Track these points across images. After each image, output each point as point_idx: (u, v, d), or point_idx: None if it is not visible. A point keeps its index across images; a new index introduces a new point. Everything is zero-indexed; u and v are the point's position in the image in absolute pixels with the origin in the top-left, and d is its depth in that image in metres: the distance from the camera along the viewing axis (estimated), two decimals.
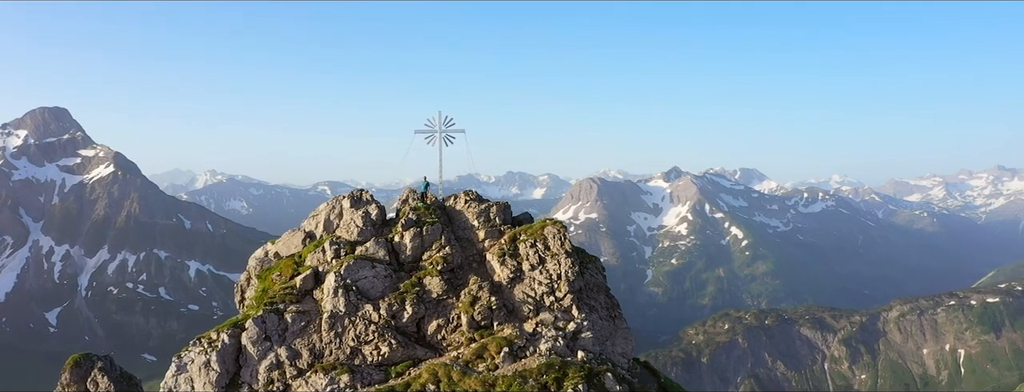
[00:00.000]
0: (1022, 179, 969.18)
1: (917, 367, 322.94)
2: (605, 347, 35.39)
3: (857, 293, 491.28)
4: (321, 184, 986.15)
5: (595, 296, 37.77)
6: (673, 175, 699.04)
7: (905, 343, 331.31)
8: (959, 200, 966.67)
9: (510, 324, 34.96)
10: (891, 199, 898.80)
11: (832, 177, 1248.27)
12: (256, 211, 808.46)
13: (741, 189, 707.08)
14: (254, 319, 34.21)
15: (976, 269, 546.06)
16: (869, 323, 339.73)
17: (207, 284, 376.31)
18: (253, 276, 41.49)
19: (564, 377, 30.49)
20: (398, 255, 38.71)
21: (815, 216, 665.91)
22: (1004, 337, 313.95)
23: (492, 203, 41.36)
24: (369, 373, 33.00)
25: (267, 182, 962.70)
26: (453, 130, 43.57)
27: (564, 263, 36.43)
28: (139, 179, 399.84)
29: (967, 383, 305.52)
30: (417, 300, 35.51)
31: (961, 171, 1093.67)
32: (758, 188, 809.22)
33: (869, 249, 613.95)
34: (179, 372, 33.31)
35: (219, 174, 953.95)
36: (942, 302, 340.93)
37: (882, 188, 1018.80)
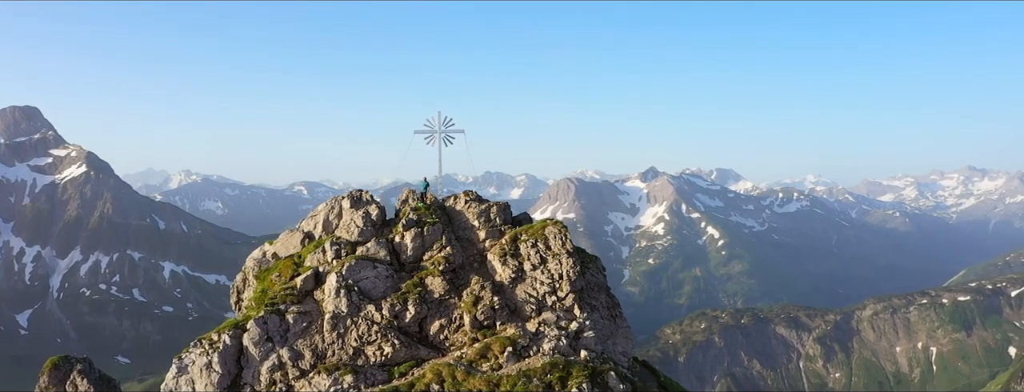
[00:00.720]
0: (992, 179, 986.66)
1: (890, 365, 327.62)
2: (606, 346, 35.68)
3: (831, 292, 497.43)
4: (297, 184, 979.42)
5: (596, 295, 38.08)
6: (650, 175, 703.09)
7: (878, 341, 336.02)
8: (931, 200, 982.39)
9: (513, 324, 35.12)
10: (864, 199, 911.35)
11: (807, 177, 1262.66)
12: (232, 211, 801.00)
13: (717, 189, 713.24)
14: (256, 320, 34.04)
15: (947, 268, 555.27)
16: (843, 322, 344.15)
17: (182, 285, 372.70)
18: (250, 277, 41.20)
19: (568, 376, 30.74)
20: (399, 255, 38.72)
21: (790, 216, 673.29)
22: (975, 335, 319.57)
23: (493, 203, 41.53)
24: (372, 373, 32.99)
25: (242, 182, 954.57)
26: (453, 130, 43.68)
27: (565, 263, 36.68)
28: (112, 179, 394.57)
29: (939, 380, 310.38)
30: (419, 300, 35.57)
31: (932, 171, 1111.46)
32: (734, 188, 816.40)
33: (843, 248, 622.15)
34: (180, 374, 33.05)
35: (194, 174, 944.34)
36: (914, 301, 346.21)
37: (856, 188, 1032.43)
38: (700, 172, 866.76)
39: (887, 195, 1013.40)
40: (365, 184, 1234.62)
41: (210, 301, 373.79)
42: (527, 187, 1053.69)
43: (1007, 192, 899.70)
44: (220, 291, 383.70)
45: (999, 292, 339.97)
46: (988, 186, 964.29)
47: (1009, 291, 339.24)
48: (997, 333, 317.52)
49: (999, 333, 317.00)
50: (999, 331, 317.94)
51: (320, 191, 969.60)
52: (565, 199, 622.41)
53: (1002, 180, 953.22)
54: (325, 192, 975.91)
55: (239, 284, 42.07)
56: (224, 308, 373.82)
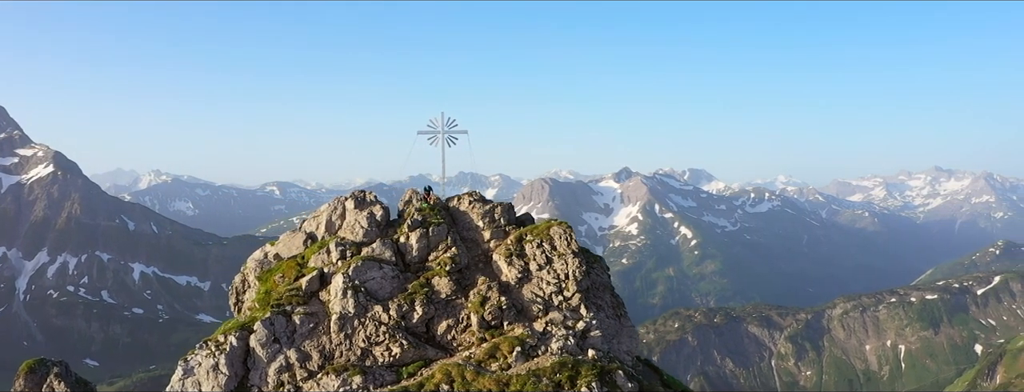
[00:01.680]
0: (958, 180, 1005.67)
1: (860, 363, 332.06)
2: (612, 345, 36.02)
3: (802, 291, 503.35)
4: (269, 185, 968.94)
5: (601, 295, 38.40)
6: (623, 176, 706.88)
7: (848, 339, 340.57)
8: (899, 200, 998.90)
9: (520, 324, 35.33)
10: (834, 199, 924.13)
11: (778, 177, 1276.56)
12: (203, 212, 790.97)
13: (690, 189, 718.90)
14: (262, 321, 33.85)
15: (915, 267, 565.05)
16: (814, 320, 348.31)
17: (152, 287, 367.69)
18: (251, 278, 40.89)
19: (577, 375, 30.99)
20: (404, 256, 38.74)
21: (762, 216, 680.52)
22: (942, 333, 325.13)
23: (497, 203, 41.68)
24: (381, 374, 32.98)
25: (213, 182, 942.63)
26: (456, 131, 43.75)
27: (571, 263, 36.97)
28: (80, 179, 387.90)
29: (907, 378, 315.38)
30: (426, 301, 35.67)
31: (900, 172, 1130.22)
32: (706, 188, 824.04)
33: (813, 248, 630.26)
34: (186, 376, 32.73)
35: (164, 174, 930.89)
36: (883, 299, 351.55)
37: (826, 188, 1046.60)
38: (673, 172, 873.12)
39: (856, 195, 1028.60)
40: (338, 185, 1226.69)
41: (181, 303, 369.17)
42: (501, 187, 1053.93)
43: (973, 192, 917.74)
44: (191, 293, 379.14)
45: (965, 290, 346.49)
46: (954, 186, 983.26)
47: (975, 290, 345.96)
48: (964, 331, 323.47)
49: (966, 331, 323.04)
50: (966, 329, 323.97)
51: (292, 191, 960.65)
52: (539, 199, 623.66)
53: (968, 180, 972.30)
54: (297, 192, 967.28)
55: (238, 285, 41.73)
56: (195, 310, 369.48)
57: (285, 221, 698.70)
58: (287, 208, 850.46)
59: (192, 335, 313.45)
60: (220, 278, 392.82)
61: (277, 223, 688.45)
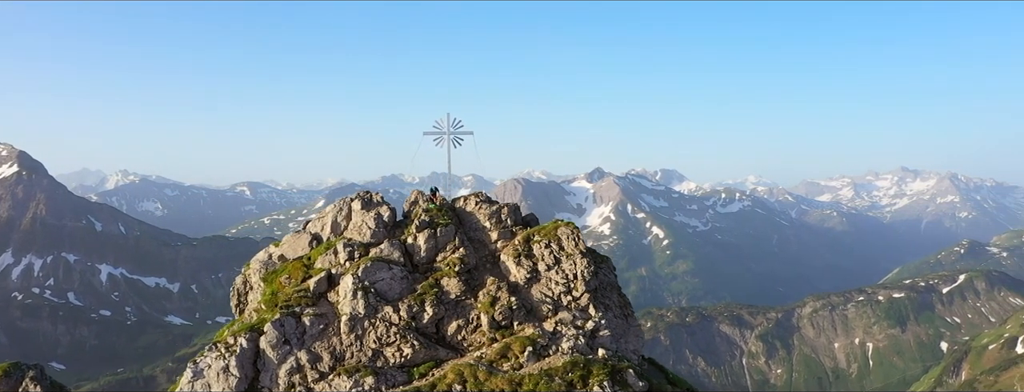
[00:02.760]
0: (924, 180, 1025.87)
1: (829, 361, 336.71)
2: (620, 344, 36.37)
3: (772, 290, 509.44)
4: (240, 185, 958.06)
5: (609, 295, 38.72)
6: (596, 176, 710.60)
7: (818, 338, 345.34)
8: (866, 200, 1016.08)
9: (530, 324, 35.53)
10: (803, 199, 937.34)
11: (748, 178, 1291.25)
12: (171, 213, 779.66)
13: (662, 190, 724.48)
14: (272, 322, 33.66)
15: (882, 266, 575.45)
16: (784, 319, 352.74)
17: (120, 289, 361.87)
18: (254, 279, 40.61)
19: (589, 375, 31.25)
20: (412, 256, 38.76)
21: (732, 216, 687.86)
22: (909, 331, 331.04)
23: (503, 204, 41.84)
24: (393, 375, 32.98)
25: (182, 183, 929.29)
26: (461, 132, 43.81)
27: (580, 263, 37.23)
28: (45, 179, 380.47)
29: (875, 375, 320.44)
30: (436, 301, 35.70)
31: (868, 172, 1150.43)
32: (678, 188, 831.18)
33: (783, 248, 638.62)
34: (195, 378, 32.42)
35: (131, 174, 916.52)
36: (852, 298, 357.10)
37: (795, 188, 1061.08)
38: (645, 173, 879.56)
39: (825, 195, 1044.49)
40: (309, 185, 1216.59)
41: (149, 305, 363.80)
42: (473, 187, 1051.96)
43: (938, 192, 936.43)
44: (160, 294, 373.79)
45: (931, 289, 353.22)
46: (920, 187, 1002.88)
47: (941, 288, 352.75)
48: (929, 328, 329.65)
49: (932, 328, 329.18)
50: (932, 327, 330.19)
51: (263, 192, 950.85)
52: (512, 199, 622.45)
53: (933, 181, 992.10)
54: (268, 193, 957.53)
55: (240, 287, 41.42)
56: (164, 312, 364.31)
57: (256, 222, 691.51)
58: (258, 209, 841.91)
59: (161, 337, 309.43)
60: (190, 279, 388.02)
61: (248, 224, 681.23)
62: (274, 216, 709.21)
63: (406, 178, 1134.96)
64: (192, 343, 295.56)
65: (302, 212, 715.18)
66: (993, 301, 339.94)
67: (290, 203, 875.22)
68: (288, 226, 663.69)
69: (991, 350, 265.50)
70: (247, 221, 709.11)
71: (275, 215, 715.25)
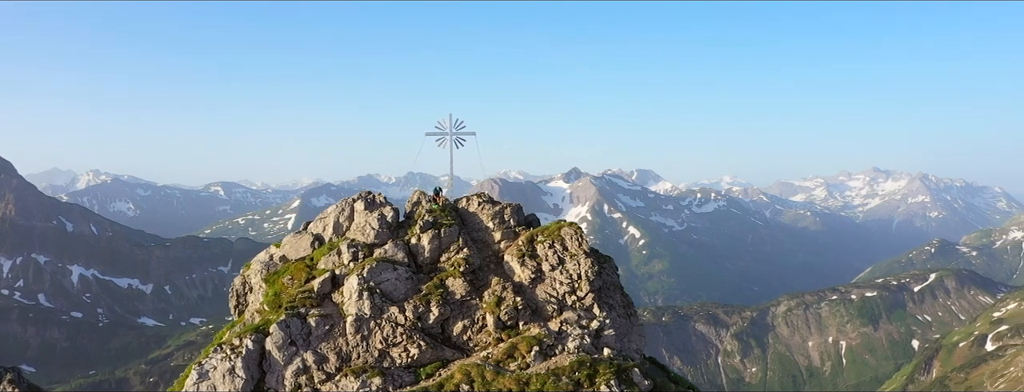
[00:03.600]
0: (895, 180, 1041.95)
1: (803, 359, 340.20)
2: (624, 344, 36.67)
3: (747, 290, 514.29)
4: (213, 185, 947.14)
5: (612, 294, 38.99)
6: (573, 176, 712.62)
7: (792, 336, 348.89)
8: (839, 200, 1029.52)
9: (535, 323, 35.69)
10: (778, 199, 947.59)
11: (723, 178, 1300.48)
12: (144, 213, 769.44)
13: (638, 190, 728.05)
14: (278, 323, 33.54)
15: (855, 265, 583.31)
16: (759, 318, 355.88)
17: (91, 290, 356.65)
18: (254, 280, 40.33)
19: (595, 374, 31.51)
20: (416, 257, 38.77)
21: (708, 216, 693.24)
22: (881, 329, 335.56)
23: (506, 205, 41.97)
24: (399, 375, 32.99)
25: (155, 183, 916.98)
26: (464, 132, 43.83)
27: (584, 263, 37.47)
28: (15, 179, 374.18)
29: (848, 373, 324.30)
30: (442, 301, 35.75)
31: (841, 172, 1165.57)
32: (654, 189, 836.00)
33: (758, 247, 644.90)
34: (201, 379, 32.16)
35: (103, 174, 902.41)
36: (825, 297, 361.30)
37: (769, 189, 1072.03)
38: (621, 173, 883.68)
39: (799, 195, 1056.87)
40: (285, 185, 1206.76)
41: (122, 306, 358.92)
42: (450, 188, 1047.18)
43: (909, 192, 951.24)
44: (132, 296, 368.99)
45: (903, 288, 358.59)
46: (892, 187, 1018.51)
47: (912, 287, 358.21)
48: (901, 327, 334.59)
49: (903, 327, 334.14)
50: (903, 325, 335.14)
51: (237, 192, 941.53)
52: None
53: (904, 181, 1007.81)
54: (243, 193, 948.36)
55: (239, 288, 41.13)
56: (137, 313, 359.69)
57: (230, 222, 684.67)
58: (232, 209, 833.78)
59: (133, 339, 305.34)
60: (163, 281, 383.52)
61: (222, 224, 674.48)
62: (249, 216, 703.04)
63: (382, 178, 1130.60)
64: (165, 345, 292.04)
65: (277, 212, 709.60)
66: (963, 300, 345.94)
67: (265, 203, 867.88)
68: (263, 226, 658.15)
69: (961, 348, 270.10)
70: (221, 221, 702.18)
71: (250, 215, 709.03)
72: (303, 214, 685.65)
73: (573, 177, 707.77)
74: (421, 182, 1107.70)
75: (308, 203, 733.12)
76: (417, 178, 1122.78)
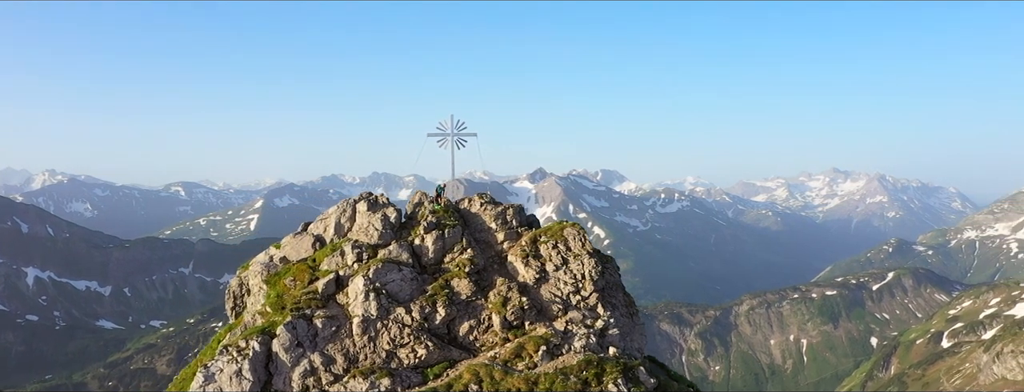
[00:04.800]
0: (854, 181, 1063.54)
1: (765, 357, 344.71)
2: (627, 343, 37.02)
3: (710, 289, 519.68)
4: (174, 185, 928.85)
5: (615, 294, 39.37)
6: (538, 176, 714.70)
7: (754, 335, 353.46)
8: (800, 200, 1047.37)
9: (541, 323, 35.90)
10: (740, 199, 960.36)
11: (686, 178, 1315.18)
12: (102, 214, 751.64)
13: (603, 190, 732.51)
14: (285, 325, 33.22)
15: (815, 264, 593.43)
16: (722, 317, 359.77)
17: (48, 292, 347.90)
18: (252, 282, 39.81)
19: (602, 373, 31.85)
20: (420, 258, 38.67)
21: (672, 216, 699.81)
22: (841, 327, 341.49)
23: (508, 206, 42.10)
24: (407, 376, 32.95)
25: (114, 183, 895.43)
26: (465, 133, 43.79)
27: (587, 263, 37.76)
28: None
29: (809, 371, 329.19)
30: (448, 302, 35.73)
31: (801, 173, 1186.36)
32: (618, 189, 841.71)
33: (721, 247, 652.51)
34: (207, 382, 31.66)
35: (59, 174, 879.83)
36: (787, 296, 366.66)
37: (732, 189, 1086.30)
38: (586, 173, 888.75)
39: (760, 195, 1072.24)
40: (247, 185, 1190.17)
41: (79, 309, 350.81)
42: (415, 188, 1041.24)
43: (867, 193, 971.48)
44: (90, 298, 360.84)
45: (862, 286, 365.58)
46: (851, 187, 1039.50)
47: (871, 285, 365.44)
48: (860, 325, 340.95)
49: (862, 325, 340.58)
50: (862, 323, 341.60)
51: (198, 192, 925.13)
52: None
53: (863, 181, 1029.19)
54: (204, 193, 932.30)
55: (236, 289, 40.57)
56: (95, 316, 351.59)
57: (191, 222, 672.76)
58: (193, 209, 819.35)
59: (92, 343, 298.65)
60: (122, 282, 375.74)
61: (183, 225, 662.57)
62: (210, 217, 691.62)
63: (346, 178, 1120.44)
64: (125, 348, 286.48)
65: (239, 213, 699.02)
66: (920, 298, 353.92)
67: (227, 203, 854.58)
68: (225, 227, 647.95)
69: (918, 345, 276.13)
70: (182, 222, 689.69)
71: (211, 216, 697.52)
72: (266, 215, 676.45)
73: (538, 177, 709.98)
74: (386, 182, 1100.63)
75: (271, 203, 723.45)
76: (382, 178, 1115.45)
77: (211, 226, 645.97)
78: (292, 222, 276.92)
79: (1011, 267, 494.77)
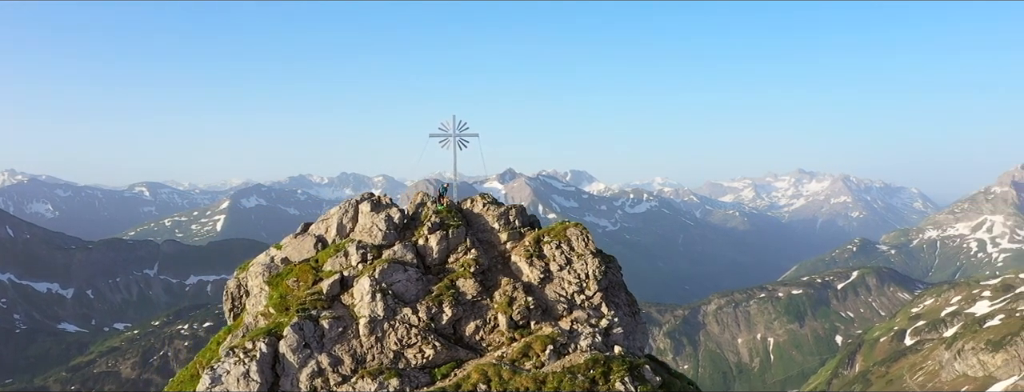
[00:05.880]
0: (819, 181, 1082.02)
1: (733, 356, 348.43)
2: (630, 342, 37.41)
3: (679, 288, 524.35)
4: (138, 185, 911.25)
5: (618, 293, 39.76)
6: (508, 177, 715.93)
7: (722, 334, 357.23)
8: (766, 200, 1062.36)
9: (547, 323, 36.14)
10: (707, 199, 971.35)
11: (655, 179, 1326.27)
12: (64, 214, 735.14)
13: (572, 191, 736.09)
14: (292, 326, 33.04)
15: (781, 264, 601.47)
16: (690, 316, 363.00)
17: (8, 295, 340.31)
18: (252, 282, 39.42)
19: (609, 371, 32.20)
20: (424, 258, 38.71)
21: (640, 216, 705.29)
22: (807, 325, 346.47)
23: (510, 206, 42.32)
24: (415, 376, 32.96)
25: (76, 183, 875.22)
26: (467, 134, 43.83)
27: (591, 263, 38.10)
28: None
29: (776, 369, 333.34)
30: (454, 302, 35.81)
31: (768, 174, 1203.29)
32: (588, 189, 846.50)
33: (689, 247, 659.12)
34: (214, 384, 31.30)
35: (19, 174, 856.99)
36: (754, 295, 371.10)
37: (699, 189, 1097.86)
38: (556, 174, 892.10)
39: (728, 196, 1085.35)
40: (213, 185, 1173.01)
41: (41, 311, 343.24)
42: (385, 188, 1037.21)
43: (832, 193, 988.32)
44: (52, 301, 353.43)
45: (827, 285, 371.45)
46: (816, 188, 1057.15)
47: (836, 284, 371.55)
48: (826, 323, 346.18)
49: (827, 323, 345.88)
50: (827, 321, 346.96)
51: (163, 192, 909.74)
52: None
53: (827, 182, 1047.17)
54: (169, 193, 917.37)
55: (233, 290, 40.18)
56: (57, 319, 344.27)
57: (156, 223, 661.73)
58: (157, 210, 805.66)
59: (53, 346, 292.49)
60: (85, 285, 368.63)
61: (147, 226, 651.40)
62: (176, 218, 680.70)
63: (314, 179, 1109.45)
64: (88, 351, 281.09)
65: (206, 213, 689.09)
66: (883, 296, 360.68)
67: (193, 204, 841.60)
68: (190, 228, 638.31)
69: (882, 342, 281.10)
70: (146, 223, 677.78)
71: (177, 217, 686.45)
72: (233, 215, 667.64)
73: (508, 178, 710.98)
74: (355, 182, 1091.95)
75: (238, 204, 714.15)
76: (350, 178, 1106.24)
77: (176, 227, 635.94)
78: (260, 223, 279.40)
79: (971, 266, 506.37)
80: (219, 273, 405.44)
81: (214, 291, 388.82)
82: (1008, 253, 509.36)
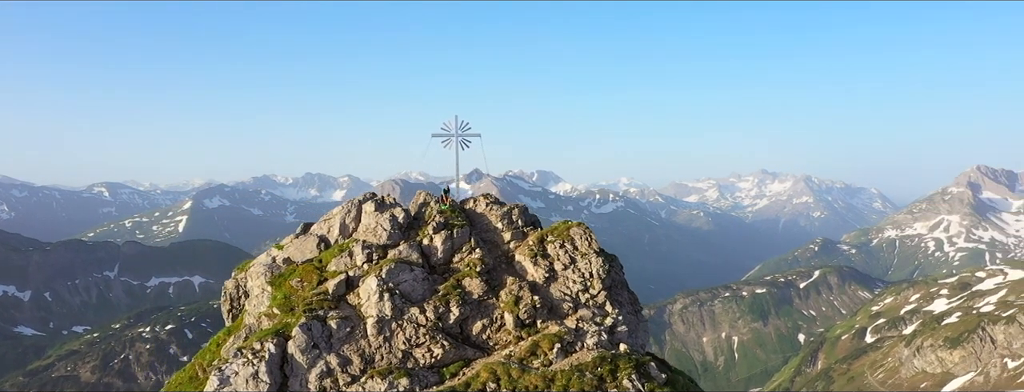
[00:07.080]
0: (781, 181, 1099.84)
1: (698, 354, 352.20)
2: (634, 340, 37.82)
3: (644, 288, 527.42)
4: (97, 185, 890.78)
5: (620, 292, 40.15)
6: (474, 177, 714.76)
7: (688, 333, 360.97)
8: (730, 201, 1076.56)
9: (553, 321, 36.40)
10: (672, 200, 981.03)
11: (620, 179, 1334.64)
12: (20, 215, 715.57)
13: (539, 191, 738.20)
14: (301, 326, 32.86)
15: (744, 263, 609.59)
16: (657, 316, 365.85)
17: None
18: (252, 283, 39.02)
19: (616, 369, 32.61)
20: (429, 258, 38.72)
21: (607, 216, 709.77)
22: (770, 324, 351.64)
23: (513, 206, 42.54)
24: (424, 376, 33.03)
25: (32, 183, 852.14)
26: (469, 134, 43.88)
27: (595, 262, 38.48)
28: None
29: (740, 367, 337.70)
30: (461, 301, 35.89)
31: (731, 174, 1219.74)
32: (554, 189, 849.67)
33: (654, 247, 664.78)
34: (222, 385, 30.94)
35: None
36: (718, 294, 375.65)
37: (664, 189, 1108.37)
38: (522, 174, 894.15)
39: (692, 196, 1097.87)
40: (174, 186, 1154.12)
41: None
42: (350, 189, 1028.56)
43: (794, 193, 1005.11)
44: (8, 304, 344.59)
45: (790, 284, 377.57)
46: (778, 188, 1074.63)
47: (798, 283, 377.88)
48: (788, 322, 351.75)
49: (790, 322, 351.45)
50: (790, 320, 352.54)
51: (124, 193, 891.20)
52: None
53: (790, 182, 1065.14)
54: (129, 194, 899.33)
55: (232, 291, 39.75)
56: (13, 322, 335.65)
57: (116, 224, 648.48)
58: (117, 211, 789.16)
59: (10, 350, 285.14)
60: (42, 287, 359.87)
61: (107, 226, 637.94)
62: (136, 218, 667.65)
63: (278, 179, 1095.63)
64: (46, 355, 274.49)
65: (167, 214, 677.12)
66: (844, 295, 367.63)
67: (154, 204, 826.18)
68: (152, 229, 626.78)
69: (844, 340, 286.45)
70: (106, 224, 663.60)
71: (137, 217, 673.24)
72: (195, 216, 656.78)
73: (475, 178, 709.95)
74: (320, 182, 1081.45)
75: (200, 205, 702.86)
76: (315, 179, 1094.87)
77: (137, 228, 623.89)
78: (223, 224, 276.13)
79: (929, 265, 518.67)
80: (181, 274, 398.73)
81: (176, 293, 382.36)
82: (964, 252, 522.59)
